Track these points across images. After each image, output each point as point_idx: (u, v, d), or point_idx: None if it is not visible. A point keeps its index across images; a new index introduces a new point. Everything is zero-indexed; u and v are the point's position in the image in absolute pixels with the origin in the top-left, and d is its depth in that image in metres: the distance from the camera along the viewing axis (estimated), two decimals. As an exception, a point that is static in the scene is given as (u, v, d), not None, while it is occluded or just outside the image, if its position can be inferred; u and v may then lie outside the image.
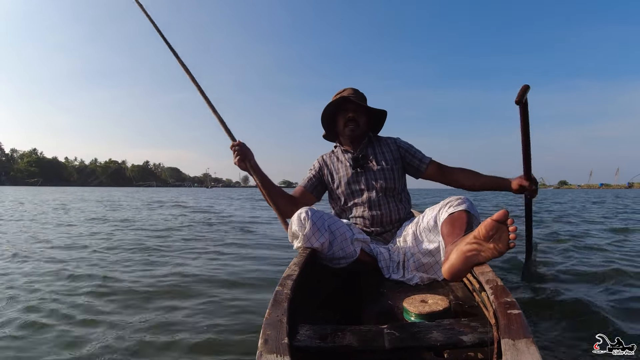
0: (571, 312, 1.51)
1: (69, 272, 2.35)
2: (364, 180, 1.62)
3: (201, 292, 1.97)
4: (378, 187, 1.60)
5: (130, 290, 1.97)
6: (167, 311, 1.68)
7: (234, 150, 1.53)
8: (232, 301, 1.80)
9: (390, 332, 0.86)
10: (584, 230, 4.66)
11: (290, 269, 1.09)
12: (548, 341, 1.24)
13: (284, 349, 0.70)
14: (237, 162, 1.53)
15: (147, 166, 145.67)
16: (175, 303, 1.80)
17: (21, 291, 1.97)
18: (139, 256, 2.97)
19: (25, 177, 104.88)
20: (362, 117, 1.64)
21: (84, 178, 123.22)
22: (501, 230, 1.05)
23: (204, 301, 1.82)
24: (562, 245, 3.30)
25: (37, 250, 3.21)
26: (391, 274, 1.42)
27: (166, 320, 1.56)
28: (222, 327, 1.47)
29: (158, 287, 2.06)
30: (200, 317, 1.60)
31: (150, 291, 1.98)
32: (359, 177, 1.63)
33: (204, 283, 2.15)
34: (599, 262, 2.56)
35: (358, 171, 1.63)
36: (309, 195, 1.70)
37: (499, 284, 0.92)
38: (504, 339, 0.70)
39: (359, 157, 1.63)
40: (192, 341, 1.34)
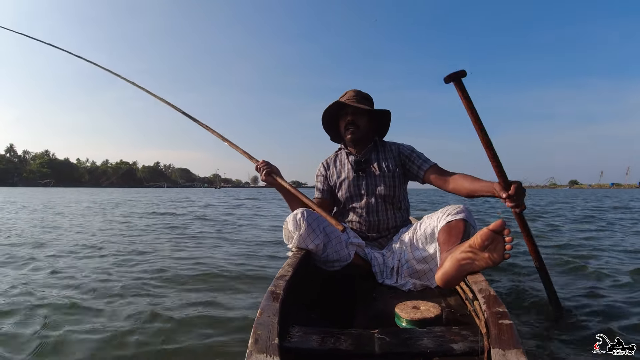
0: (566, 324, 1.48)
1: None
2: (364, 185, 1.61)
3: (195, 288, 1.96)
4: (377, 192, 1.58)
5: (124, 286, 1.96)
6: (155, 306, 1.66)
7: (260, 169, 1.56)
8: (224, 299, 1.78)
9: (381, 337, 0.84)
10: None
11: (283, 270, 1.09)
12: (540, 352, 1.21)
13: (274, 349, 0.69)
14: (263, 178, 1.56)
15: (157, 167, 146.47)
16: (164, 298, 1.79)
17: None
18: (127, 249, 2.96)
19: (37, 178, 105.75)
20: (361, 120, 1.60)
21: (95, 179, 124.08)
22: (497, 241, 1.04)
23: (196, 297, 1.81)
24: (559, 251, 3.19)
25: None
26: (384, 279, 1.41)
27: (156, 317, 1.53)
28: (213, 326, 1.45)
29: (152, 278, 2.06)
30: (192, 314, 1.58)
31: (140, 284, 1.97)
32: (359, 181, 1.61)
33: (199, 277, 2.15)
34: (597, 264, 2.52)
35: (360, 175, 1.61)
36: (328, 203, 1.69)
37: (491, 294, 0.91)
38: (494, 349, 0.69)
39: (362, 161, 1.61)
40: (183, 339, 1.32)
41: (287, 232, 1.37)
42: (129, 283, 2.05)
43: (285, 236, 1.39)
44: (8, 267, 2.48)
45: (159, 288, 1.99)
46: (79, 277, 2.17)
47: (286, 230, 1.38)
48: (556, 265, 2.46)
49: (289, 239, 1.37)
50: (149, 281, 2.11)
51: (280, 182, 1.51)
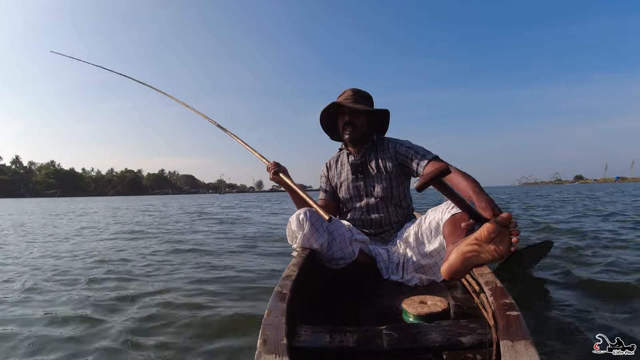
0: (571, 314, 1.46)
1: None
2: (363, 186, 1.60)
3: (201, 289, 1.96)
4: (376, 193, 1.57)
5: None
6: (162, 308, 1.67)
7: (270, 169, 1.58)
8: (231, 302, 1.78)
9: (388, 333, 0.84)
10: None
11: (289, 270, 1.08)
12: (548, 343, 1.20)
13: (283, 349, 0.68)
14: (272, 177, 1.58)
15: (162, 174, 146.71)
16: (171, 300, 1.79)
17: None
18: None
19: (44, 188, 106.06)
20: (359, 120, 1.58)
21: (101, 188, 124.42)
22: (503, 234, 1.02)
23: (203, 297, 1.80)
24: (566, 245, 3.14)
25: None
26: (390, 275, 1.40)
27: (163, 317, 1.54)
28: (221, 328, 1.45)
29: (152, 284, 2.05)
30: (200, 313, 1.58)
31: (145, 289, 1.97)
32: (358, 182, 1.61)
33: (205, 279, 2.15)
34: (600, 261, 2.48)
35: (358, 177, 1.61)
36: (333, 204, 1.71)
37: (498, 286, 0.89)
38: (503, 341, 0.68)
39: (358, 163, 1.61)
40: (189, 340, 1.32)
41: (290, 232, 1.37)
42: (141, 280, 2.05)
43: (289, 236, 1.39)
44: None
45: (169, 288, 1.99)
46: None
47: (290, 231, 1.37)
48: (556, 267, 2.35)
49: (293, 238, 1.36)
50: (160, 281, 2.12)
51: (286, 181, 1.53)
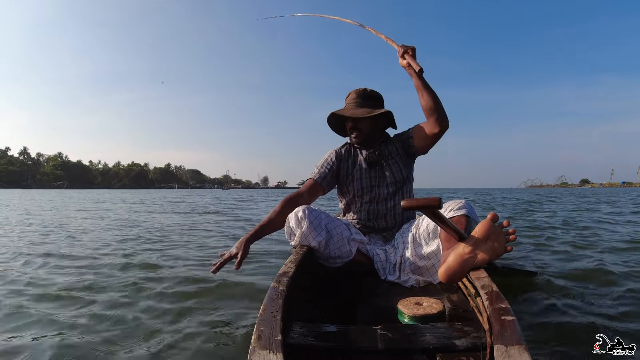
0: (569, 321, 1.44)
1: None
2: (376, 178, 1.58)
3: (197, 283, 1.94)
4: (387, 183, 1.57)
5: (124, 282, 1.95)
6: (158, 302, 1.65)
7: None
8: (227, 296, 1.75)
9: (383, 333, 0.83)
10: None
11: (286, 266, 1.08)
12: (548, 343, 1.18)
13: (277, 345, 0.68)
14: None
15: (168, 168, 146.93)
16: (166, 295, 1.76)
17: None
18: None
19: (51, 180, 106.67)
20: (362, 124, 1.57)
21: (107, 180, 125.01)
22: (497, 233, 1.04)
23: (198, 292, 1.78)
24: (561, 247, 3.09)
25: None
26: (387, 276, 1.39)
27: (158, 311, 1.52)
28: (215, 322, 1.44)
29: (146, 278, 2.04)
30: (194, 309, 1.56)
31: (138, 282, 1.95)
32: (371, 173, 1.59)
33: (200, 275, 2.11)
34: (596, 263, 2.45)
35: (372, 168, 1.59)
36: (318, 188, 1.57)
37: (494, 290, 0.89)
38: (496, 345, 0.67)
39: (375, 154, 1.58)
40: (184, 335, 1.30)
41: (288, 229, 1.37)
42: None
43: (287, 233, 1.38)
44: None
45: (162, 282, 1.97)
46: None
47: (288, 228, 1.37)
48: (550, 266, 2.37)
49: (291, 235, 1.36)
50: (153, 274, 2.10)
51: (251, 241, 1.41)
